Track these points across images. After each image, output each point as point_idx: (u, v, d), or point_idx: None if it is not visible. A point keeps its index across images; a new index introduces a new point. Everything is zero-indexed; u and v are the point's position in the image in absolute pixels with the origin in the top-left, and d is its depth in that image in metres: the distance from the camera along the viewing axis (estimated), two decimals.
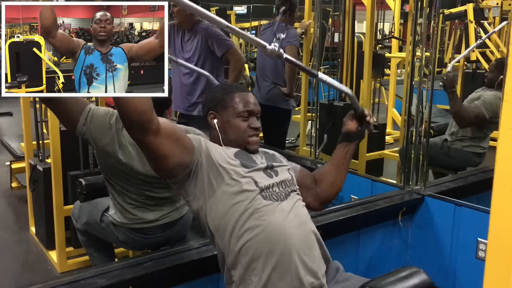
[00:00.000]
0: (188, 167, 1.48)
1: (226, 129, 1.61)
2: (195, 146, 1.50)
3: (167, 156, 1.42)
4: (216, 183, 1.48)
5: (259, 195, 1.48)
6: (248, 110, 1.61)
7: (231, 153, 1.56)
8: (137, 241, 2.17)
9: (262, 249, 1.43)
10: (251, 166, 1.53)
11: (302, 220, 1.52)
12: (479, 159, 3.24)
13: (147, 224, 2.14)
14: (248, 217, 1.45)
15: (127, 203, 2.11)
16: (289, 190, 1.56)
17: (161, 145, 1.40)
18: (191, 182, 1.50)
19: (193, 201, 1.52)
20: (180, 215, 2.22)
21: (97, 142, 2.01)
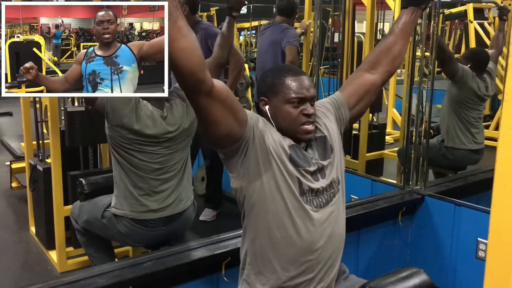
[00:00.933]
0: (238, 141, 1.40)
1: (277, 116, 1.48)
2: (249, 121, 1.41)
3: (218, 122, 1.34)
4: (263, 168, 1.41)
5: (300, 198, 1.43)
6: (299, 96, 1.46)
7: (286, 145, 1.46)
8: (138, 233, 2.18)
9: (287, 252, 1.43)
10: (301, 165, 1.45)
11: (335, 232, 1.49)
12: (476, 156, 3.24)
13: (150, 215, 2.16)
14: (284, 216, 1.42)
15: (133, 186, 2.14)
16: (332, 195, 1.50)
17: (213, 109, 1.32)
18: (238, 158, 1.42)
19: (236, 179, 1.45)
20: (183, 209, 2.24)
21: (116, 113, 2.06)
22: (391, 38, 1.69)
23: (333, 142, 1.54)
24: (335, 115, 1.60)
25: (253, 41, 10.02)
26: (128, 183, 2.15)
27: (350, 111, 1.63)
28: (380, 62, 1.66)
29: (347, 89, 1.66)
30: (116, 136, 2.12)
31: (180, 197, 2.24)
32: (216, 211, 3.56)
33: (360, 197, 2.58)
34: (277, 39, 3.70)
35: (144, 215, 2.16)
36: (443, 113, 3.27)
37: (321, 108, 1.58)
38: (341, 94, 1.64)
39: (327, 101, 1.62)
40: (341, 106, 1.61)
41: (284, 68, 1.55)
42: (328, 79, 4.51)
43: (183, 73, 1.22)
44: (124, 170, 2.15)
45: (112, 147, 2.16)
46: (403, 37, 1.69)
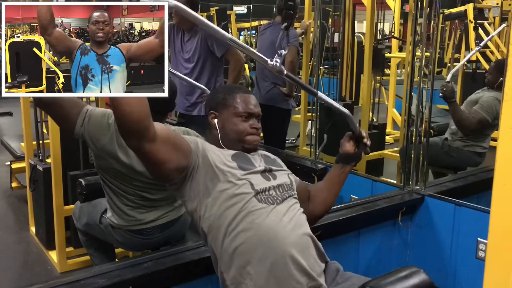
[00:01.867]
0: (185, 170, 1.47)
1: (226, 129, 1.61)
2: (192, 148, 1.49)
3: (164, 162, 1.42)
4: (211, 184, 1.48)
5: (254, 198, 1.47)
6: (248, 111, 1.61)
7: (229, 155, 1.55)
8: (136, 242, 2.17)
9: (256, 252, 1.42)
10: (248, 169, 1.53)
11: (297, 223, 1.51)
12: (479, 158, 3.24)
13: (145, 225, 2.13)
14: (242, 219, 1.44)
15: (124, 205, 2.10)
16: (286, 195, 1.55)
17: (158, 152, 1.39)
18: (186, 183, 1.49)
19: (188, 202, 1.52)
20: (178, 215, 2.22)
21: (96, 143, 2.00)
22: (320, 185, 1.82)
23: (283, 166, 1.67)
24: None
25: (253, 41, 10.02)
26: (119, 202, 2.11)
27: None
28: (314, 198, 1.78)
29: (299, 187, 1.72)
30: (102, 165, 2.07)
31: (175, 205, 2.20)
32: None
33: (360, 197, 2.58)
34: (277, 39, 3.70)
35: (139, 226, 2.13)
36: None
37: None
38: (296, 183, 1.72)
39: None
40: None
41: (234, 87, 1.74)
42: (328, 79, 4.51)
43: (129, 121, 1.28)
44: (114, 193, 2.11)
45: (101, 174, 2.11)
46: (329, 189, 1.80)
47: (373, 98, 4.90)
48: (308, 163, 3.12)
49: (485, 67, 5.33)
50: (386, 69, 6.09)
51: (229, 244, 1.44)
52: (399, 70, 6.79)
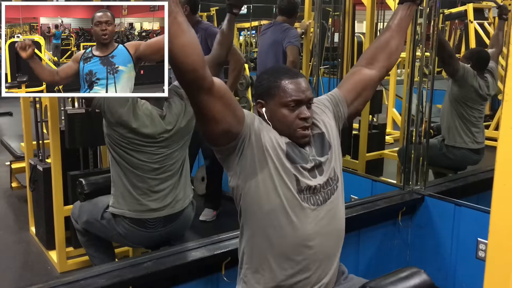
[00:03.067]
0: (235, 139, 1.40)
1: (273, 119, 1.47)
2: (246, 120, 1.41)
3: (216, 119, 1.34)
4: (259, 166, 1.41)
5: (297, 196, 1.42)
6: (295, 99, 1.45)
7: (283, 142, 1.45)
8: (137, 234, 2.18)
9: (284, 249, 1.42)
10: (298, 162, 1.44)
11: (334, 228, 1.49)
12: (477, 155, 3.24)
13: (149, 214, 2.15)
14: (280, 214, 1.41)
15: (131, 185, 2.14)
16: (329, 193, 1.49)
17: (212, 106, 1.32)
18: (235, 157, 1.43)
19: (233, 177, 1.45)
20: (181, 208, 2.24)
21: (114, 112, 2.06)
22: (388, 33, 1.70)
23: (331, 139, 1.54)
24: (333, 112, 1.60)
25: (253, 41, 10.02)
26: (126, 182, 2.14)
27: (348, 107, 1.63)
28: (377, 58, 1.68)
29: (345, 85, 1.66)
30: (114, 135, 2.11)
31: (178, 197, 2.23)
32: (216, 211, 3.56)
33: (360, 197, 2.58)
34: (279, 39, 3.70)
35: (143, 215, 2.16)
36: (443, 112, 3.27)
37: (319, 105, 1.58)
38: (339, 90, 1.64)
39: (325, 98, 1.63)
40: (339, 103, 1.61)
41: (280, 70, 1.53)
42: (328, 79, 4.51)
43: (184, 69, 1.22)
44: (122, 169, 2.15)
45: (110, 146, 2.16)
46: (399, 32, 1.71)
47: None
48: None
49: None
50: None
51: (261, 233, 1.43)
52: (399, 70, 6.79)
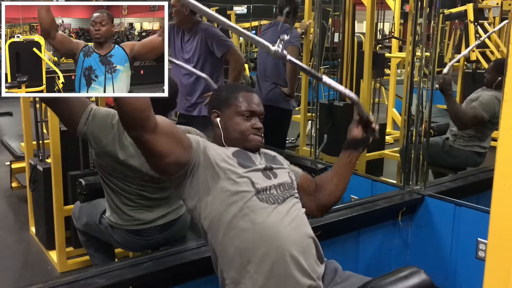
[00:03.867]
0: (185, 166, 1.47)
1: (228, 128, 1.60)
2: (193, 145, 1.49)
3: (165, 154, 1.41)
4: (212, 182, 1.47)
5: (255, 197, 1.47)
6: (250, 110, 1.60)
7: (230, 152, 1.54)
8: (135, 243, 2.17)
9: (256, 251, 1.42)
10: (249, 166, 1.52)
11: (298, 224, 1.51)
12: (480, 158, 3.24)
13: (144, 226, 2.13)
14: (243, 218, 1.44)
15: (123, 204, 2.10)
16: (288, 194, 1.55)
17: (159, 143, 1.39)
18: (187, 181, 1.49)
19: (188, 200, 1.51)
20: (177, 216, 2.21)
21: (98, 142, 2.00)
22: (329, 175, 1.79)
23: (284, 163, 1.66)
24: None
25: None
26: (118, 202, 2.11)
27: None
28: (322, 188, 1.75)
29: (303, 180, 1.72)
30: (102, 164, 2.07)
31: (173, 207, 2.19)
32: None
33: (360, 197, 2.58)
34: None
35: (138, 226, 2.13)
36: None
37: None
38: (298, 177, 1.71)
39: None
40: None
41: (237, 85, 1.76)
42: None
43: (130, 110, 1.29)
44: (113, 191, 2.11)
45: (100, 173, 2.12)
46: (338, 177, 1.76)
47: (373, 98, 4.90)
48: (308, 163, 3.12)
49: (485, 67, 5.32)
50: (386, 69, 6.09)
51: (230, 242, 1.44)
52: (399, 70, 6.79)
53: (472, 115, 3.09)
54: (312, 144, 3.56)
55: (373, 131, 1.75)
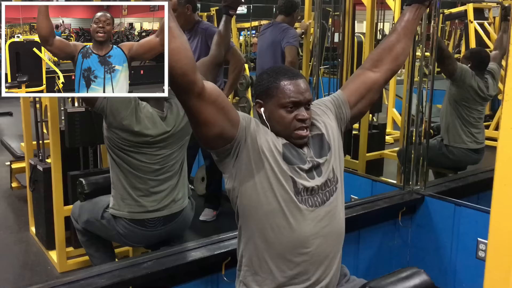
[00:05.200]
0: (230, 142, 1.39)
1: (271, 120, 1.47)
2: (241, 122, 1.40)
3: (209, 123, 1.34)
4: (255, 168, 1.40)
5: (295, 198, 1.41)
6: (293, 100, 1.44)
7: (279, 144, 1.44)
8: (137, 234, 2.19)
9: (282, 253, 1.42)
10: (294, 163, 1.43)
11: (332, 230, 1.48)
12: (477, 155, 3.24)
13: (148, 215, 2.16)
14: (278, 215, 1.41)
15: (131, 188, 2.14)
16: (328, 194, 1.47)
17: (204, 110, 1.32)
18: (231, 160, 1.42)
19: (229, 179, 1.45)
20: (180, 208, 2.25)
21: (117, 115, 2.07)
22: (394, 36, 1.67)
23: (330, 140, 1.53)
24: (335, 114, 1.59)
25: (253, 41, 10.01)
26: (126, 184, 2.15)
27: (352, 109, 1.61)
28: (383, 60, 1.65)
29: (349, 87, 1.64)
30: (114, 137, 2.11)
31: (177, 197, 2.24)
32: (216, 211, 3.56)
33: (360, 197, 2.58)
34: (277, 39, 3.70)
35: (142, 215, 2.16)
36: (443, 112, 3.27)
37: (321, 106, 1.58)
38: (343, 92, 1.63)
39: (328, 100, 1.62)
40: (342, 105, 1.60)
41: (280, 70, 1.50)
42: (328, 79, 4.51)
43: (174, 74, 1.22)
44: (122, 171, 2.15)
45: (110, 149, 2.16)
46: (407, 35, 1.67)
47: None
48: None
49: None
50: None
51: (259, 234, 1.43)
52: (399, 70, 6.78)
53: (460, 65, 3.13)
54: None
55: None
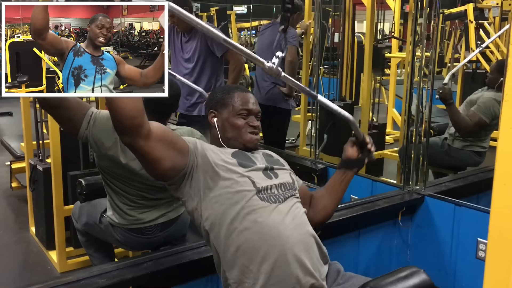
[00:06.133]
0: (183, 169, 1.47)
1: (225, 128, 1.61)
2: (190, 148, 1.49)
3: (160, 159, 1.41)
4: (212, 182, 1.47)
5: (256, 196, 1.47)
6: (246, 108, 1.62)
7: (229, 153, 1.55)
8: (136, 241, 2.17)
9: (258, 251, 1.42)
10: (249, 166, 1.53)
11: (300, 223, 1.51)
12: (479, 158, 3.24)
13: (145, 224, 2.13)
14: (244, 217, 1.44)
15: (124, 204, 2.11)
16: (288, 194, 1.55)
17: (153, 149, 1.38)
18: (186, 183, 1.49)
19: (188, 202, 1.51)
20: (178, 214, 2.22)
21: (100, 145, 2.00)
22: (322, 192, 1.78)
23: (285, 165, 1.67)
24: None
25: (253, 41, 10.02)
26: (119, 202, 2.12)
27: None
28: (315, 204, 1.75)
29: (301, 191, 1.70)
30: (103, 166, 2.08)
31: (174, 206, 2.20)
32: None
33: (360, 197, 2.58)
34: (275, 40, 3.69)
35: (139, 225, 2.14)
36: None
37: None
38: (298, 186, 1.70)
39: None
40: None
41: (232, 86, 1.74)
42: (328, 79, 4.51)
43: (123, 117, 1.29)
44: (115, 192, 2.12)
45: (102, 174, 2.12)
46: (331, 195, 1.76)
47: (373, 98, 4.90)
48: (308, 163, 3.12)
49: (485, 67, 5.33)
50: (386, 69, 6.09)
51: (232, 242, 1.44)
52: (399, 70, 6.79)
53: (474, 122, 3.12)
54: (312, 144, 3.56)
55: (369, 152, 1.73)
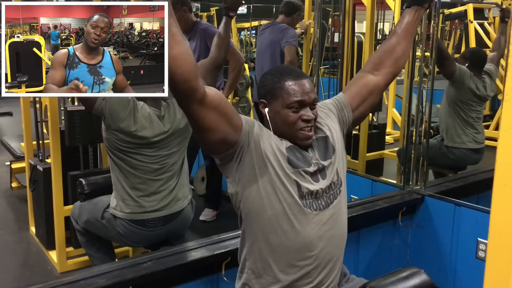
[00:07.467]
0: (233, 147, 1.38)
1: (276, 121, 1.46)
2: (244, 127, 1.39)
3: (211, 129, 1.33)
4: (259, 173, 1.39)
5: (299, 201, 1.41)
6: (298, 100, 1.43)
7: (283, 147, 1.44)
8: (138, 234, 2.19)
9: (286, 257, 1.42)
10: (299, 167, 1.42)
11: (335, 234, 1.47)
12: (477, 155, 3.24)
13: (148, 215, 2.17)
14: (282, 219, 1.40)
15: (131, 189, 2.15)
16: (332, 197, 1.47)
17: (206, 116, 1.31)
18: (234, 164, 1.41)
19: (232, 184, 1.44)
20: (180, 208, 2.25)
21: (115, 117, 2.07)
22: (394, 38, 1.67)
23: (335, 143, 1.53)
24: (338, 117, 1.59)
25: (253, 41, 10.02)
26: (126, 185, 2.15)
27: (353, 112, 1.61)
28: (383, 63, 1.64)
29: (350, 90, 1.64)
30: (113, 139, 2.12)
31: (178, 197, 2.25)
32: (216, 211, 3.56)
33: (360, 197, 2.58)
34: (276, 39, 3.70)
35: (142, 216, 2.17)
36: (441, 113, 3.28)
37: (324, 109, 1.58)
38: (344, 95, 1.63)
39: (330, 102, 1.62)
40: (344, 108, 1.60)
41: (284, 70, 1.49)
42: (328, 79, 4.51)
43: (176, 80, 1.22)
44: (122, 172, 2.15)
45: (109, 150, 2.16)
46: (406, 37, 1.67)
47: None
48: None
49: None
50: None
51: (263, 238, 1.42)
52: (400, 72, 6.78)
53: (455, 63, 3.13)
54: None
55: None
